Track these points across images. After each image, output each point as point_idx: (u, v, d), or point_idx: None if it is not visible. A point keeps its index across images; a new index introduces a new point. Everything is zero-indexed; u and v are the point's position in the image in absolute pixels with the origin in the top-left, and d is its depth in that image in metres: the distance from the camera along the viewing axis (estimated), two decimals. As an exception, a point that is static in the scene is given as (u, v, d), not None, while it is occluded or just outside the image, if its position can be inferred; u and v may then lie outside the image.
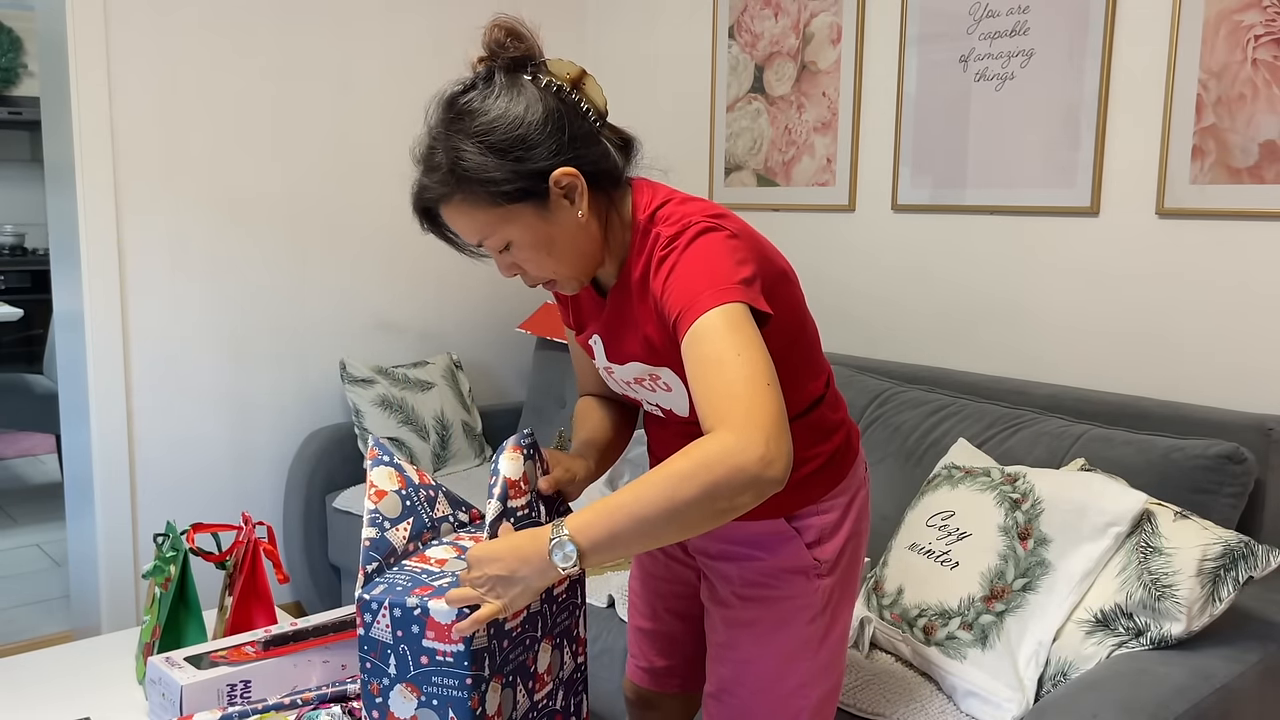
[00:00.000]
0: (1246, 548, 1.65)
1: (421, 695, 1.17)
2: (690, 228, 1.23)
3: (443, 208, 1.26)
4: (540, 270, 1.30)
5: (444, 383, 3.15)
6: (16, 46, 5.61)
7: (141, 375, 2.83)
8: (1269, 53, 2.02)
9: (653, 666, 1.64)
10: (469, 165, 1.20)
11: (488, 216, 1.24)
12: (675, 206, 1.29)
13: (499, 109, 1.22)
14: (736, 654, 1.42)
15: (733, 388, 1.09)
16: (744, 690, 1.42)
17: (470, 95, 1.24)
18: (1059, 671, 1.69)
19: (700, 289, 1.16)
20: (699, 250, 1.20)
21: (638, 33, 3.36)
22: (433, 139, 1.25)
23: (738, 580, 1.42)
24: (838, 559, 1.41)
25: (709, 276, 1.17)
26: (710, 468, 1.06)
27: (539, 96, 1.23)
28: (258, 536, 1.76)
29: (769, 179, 2.99)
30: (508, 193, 1.21)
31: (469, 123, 1.22)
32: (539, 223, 1.25)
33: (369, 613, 1.18)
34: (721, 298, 1.15)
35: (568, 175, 1.23)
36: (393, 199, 3.22)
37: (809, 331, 1.38)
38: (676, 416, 1.39)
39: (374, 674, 1.19)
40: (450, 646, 1.13)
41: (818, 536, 1.39)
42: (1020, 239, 2.45)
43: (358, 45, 3.11)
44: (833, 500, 1.41)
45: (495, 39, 1.25)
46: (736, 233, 1.24)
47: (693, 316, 1.15)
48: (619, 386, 1.44)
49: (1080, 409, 2.16)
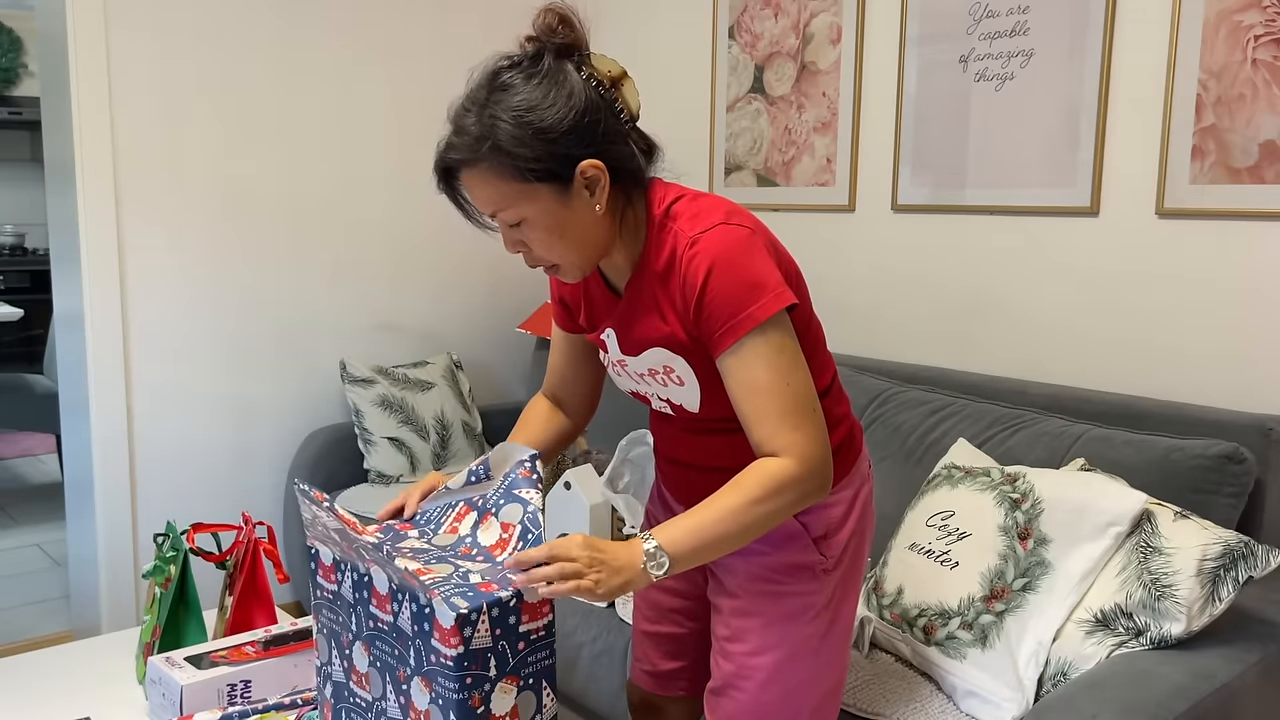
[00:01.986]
0: (1246, 548, 1.65)
1: (431, 691, 1.17)
2: (714, 228, 1.27)
3: (465, 172, 1.27)
4: (546, 253, 1.31)
5: (444, 383, 3.15)
6: (16, 46, 5.61)
7: (141, 375, 2.83)
8: (1269, 53, 2.02)
9: (657, 670, 1.64)
10: (503, 136, 1.23)
11: (509, 189, 1.25)
12: (688, 203, 1.33)
13: (542, 91, 1.24)
14: (741, 647, 1.43)
15: (788, 419, 1.24)
16: (749, 685, 1.42)
17: (515, 72, 1.26)
18: (1059, 671, 1.69)
19: (740, 302, 1.24)
20: (729, 255, 1.26)
21: (638, 32, 3.36)
22: (471, 103, 1.27)
23: (744, 575, 1.43)
24: (842, 554, 1.43)
25: (747, 287, 1.25)
26: (782, 494, 1.24)
27: (581, 88, 1.26)
28: (258, 536, 1.76)
29: (769, 179, 2.99)
30: (534, 170, 1.24)
31: (510, 96, 1.24)
32: (557, 206, 1.27)
33: (395, 601, 1.20)
34: (762, 313, 1.24)
35: (594, 168, 1.26)
36: (393, 199, 3.23)
37: (814, 325, 1.42)
38: (685, 413, 1.41)
39: (401, 661, 1.21)
40: (449, 650, 1.13)
41: (824, 531, 1.42)
42: (1020, 239, 2.45)
43: (358, 45, 3.11)
44: (837, 495, 1.43)
45: (547, 23, 1.27)
46: (754, 229, 1.30)
47: (736, 335, 1.25)
48: (629, 382, 1.46)
49: (1080, 409, 2.16)
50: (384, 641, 1.24)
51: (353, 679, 1.31)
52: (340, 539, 1.26)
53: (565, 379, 1.56)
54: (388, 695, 1.25)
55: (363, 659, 1.28)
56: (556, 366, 1.56)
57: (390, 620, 1.22)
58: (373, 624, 1.26)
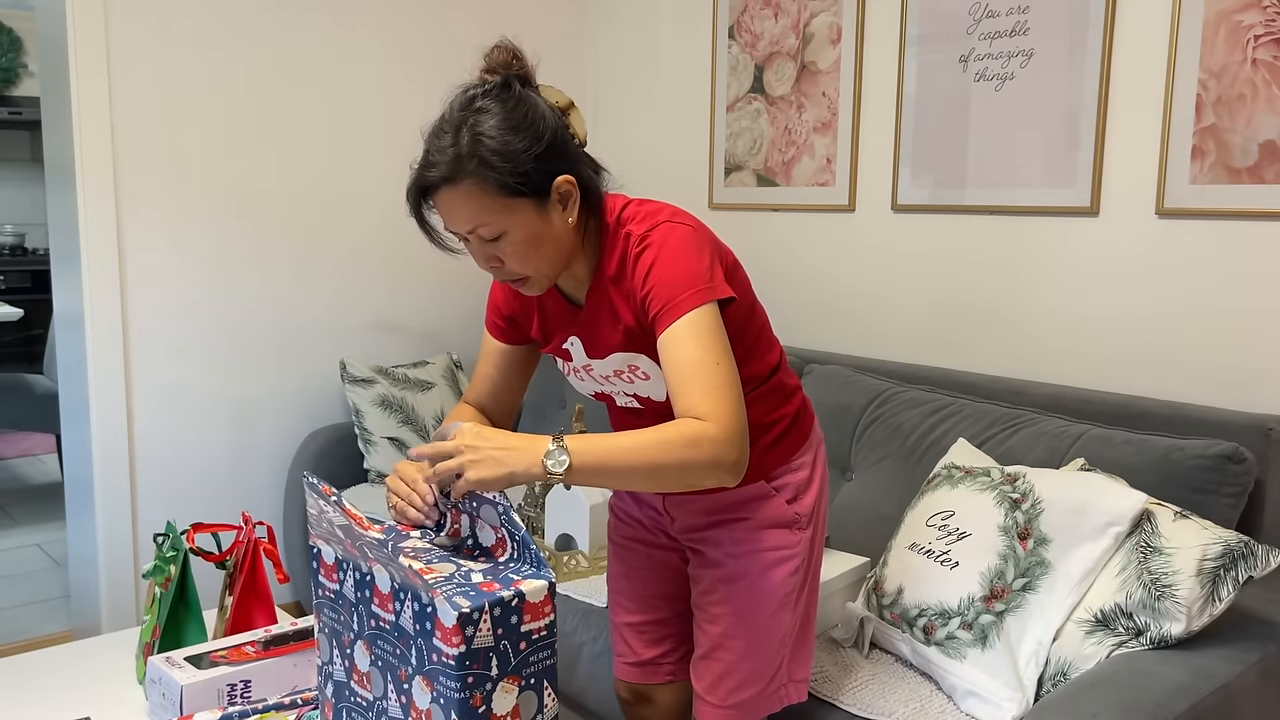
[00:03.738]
0: (1246, 548, 1.65)
1: (433, 690, 1.17)
2: (658, 226, 1.38)
3: (446, 189, 1.31)
4: (523, 265, 1.37)
5: (444, 383, 3.15)
6: (16, 46, 5.61)
7: (141, 375, 2.83)
8: (1269, 53, 2.02)
9: (641, 660, 1.70)
10: (486, 153, 1.28)
11: (492, 204, 1.31)
12: (636, 207, 1.43)
13: (520, 112, 1.31)
14: (727, 609, 1.53)
15: (715, 391, 1.29)
16: (736, 644, 1.53)
17: (488, 99, 1.32)
18: (1059, 671, 1.69)
19: (679, 287, 1.33)
20: (672, 247, 1.36)
21: (638, 33, 3.36)
22: (448, 125, 1.32)
23: (727, 541, 1.54)
24: (814, 512, 1.57)
25: (686, 276, 1.34)
26: (697, 447, 1.26)
27: (548, 111, 1.35)
28: (258, 536, 1.76)
29: (769, 179, 3.00)
30: (520, 181, 1.30)
31: (489, 117, 1.31)
32: (536, 220, 1.34)
33: (398, 601, 1.20)
34: (696, 300, 1.33)
35: (567, 183, 1.35)
36: (393, 199, 3.22)
37: (759, 310, 1.54)
38: (654, 404, 1.50)
39: (402, 660, 1.21)
40: (451, 649, 1.14)
41: (795, 493, 1.55)
42: (1020, 239, 2.45)
43: (358, 45, 3.11)
44: (801, 458, 1.57)
45: (500, 59, 1.35)
46: (696, 227, 1.40)
47: (673, 316, 1.33)
48: (594, 385, 1.54)
49: (1080, 409, 2.16)
50: (385, 641, 1.24)
51: (354, 678, 1.31)
52: (345, 535, 1.26)
53: (497, 389, 1.60)
54: (389, 695, 1.25)
55: (364, 658, 1.28)
56: (488, 376, 1.60)
57: (392, 619, 1.22)
58: (374, 623, 1.26)
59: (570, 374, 1.56)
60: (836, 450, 2.41)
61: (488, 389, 1.60)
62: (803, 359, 2.71)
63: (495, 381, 1.60)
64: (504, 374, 1.60)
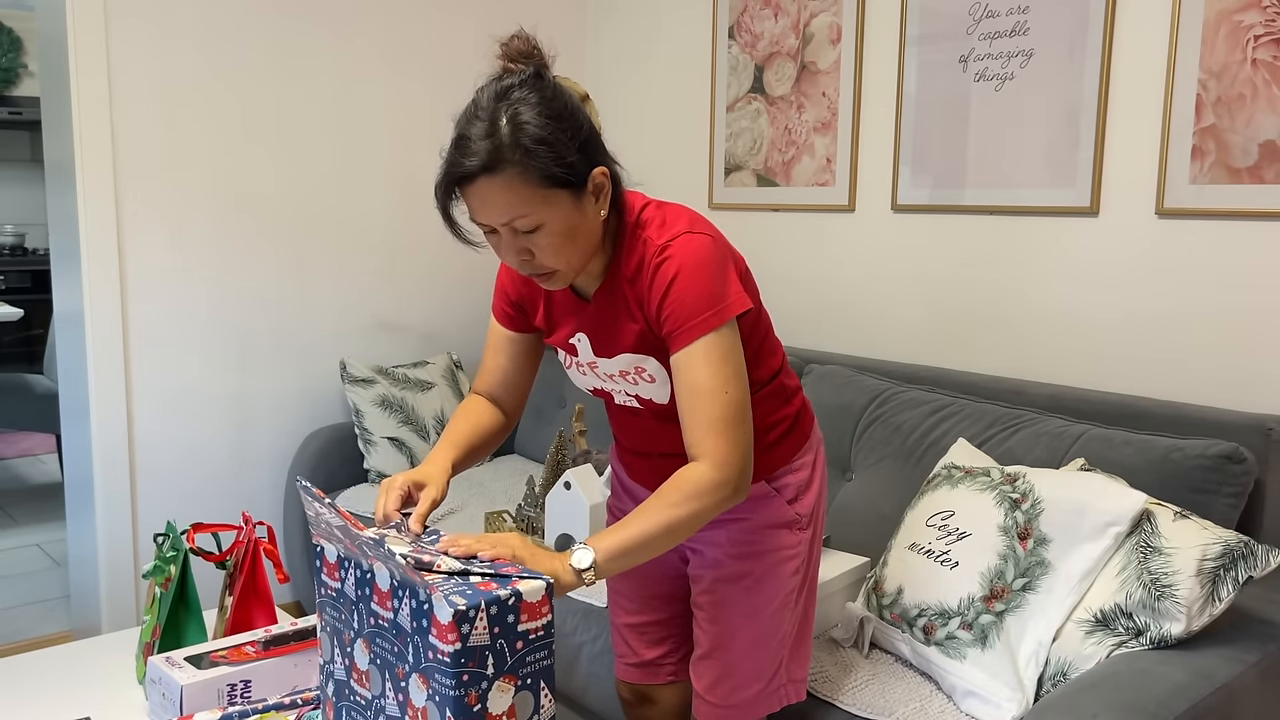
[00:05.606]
0: (1246, 548, 1.65)
1: (428, 688, 1.17)
2: (679, 237, 1.36)
3: (484, 179, 1.26)
4: (555, 259, 1.33)
5: (444, 383, 3.15)
6: (16, 46, 5.61)
7: (142, 375, 2.83)
8: (1269, 53, 2.02)
9: (642, 660, 1.70)
10: (535, 135, 1.25)
11: (531, 194, 1.27)
12: (655, 210, 1.41)
13: (561, 99, 1.29)
14: (728, 610, 1.53)
15: (716, 425, 1.32)
16: (736, 644, 1.53)
17: (524, 89, 1.28)
18: (1059, 671, 1.69)
19: (698, 308, 1.33)
20: (693, 263, 1.34)
21: (638, 33, 3.36)
22: (483, 113, 1.27)
23: (728, 542, 1.54)
24: (813, 512, 1.58)
25: (706, 295, 1.33)
26: (700, 498, 1.31)
27: (578, 103, 1.32)
28: (258, 536, 1.76)
29: (769, 179, 3.00)
30: (565, 170, 1.27)
31: (529, 107, 1.26)
32: (573, 212, 1.31)
33: (396, 598, 1.20)
34: (714, 321, 1.33)
35: (603, 175, 1.33)
36: (393, 199, 3.23)
37: (764, 316, 1.54)
38: (655, 405, 1.49)
39: (399, 658, 1.21)
40: (446, 646, 1.14)
41: (795, 494, 1.55)
42: (1020, 239, 2.45)
43: (358, 45, 3.11)
44: (801, 459, 1.57)
45: (519, 48, 1.31)
46: (715, 236, 1.39)
47: (690, 338, 1.33)
48: (595, 381, 1.52)
49: (1080, 409, 2.16)
50: (384, 638, 1.24)
51: (353, 677, 1.31)
52: (343, 535, 1.26)
53: (509, 378, 1.59)
54: (386, 693, 1.25)
55: (363, 656, 1.29)
56: (500, 366, 1.59)
57: (390, 617, 1.23)
58: (373, 621, 1.26)
59: (571, 367, 1.55)
60: (836, 450, 2.41)
61: (499, 379, 1.59)
62: (803, 359, 2.71)
63: (507, 371, 1.58)
64: (515, 363, 1.58)
